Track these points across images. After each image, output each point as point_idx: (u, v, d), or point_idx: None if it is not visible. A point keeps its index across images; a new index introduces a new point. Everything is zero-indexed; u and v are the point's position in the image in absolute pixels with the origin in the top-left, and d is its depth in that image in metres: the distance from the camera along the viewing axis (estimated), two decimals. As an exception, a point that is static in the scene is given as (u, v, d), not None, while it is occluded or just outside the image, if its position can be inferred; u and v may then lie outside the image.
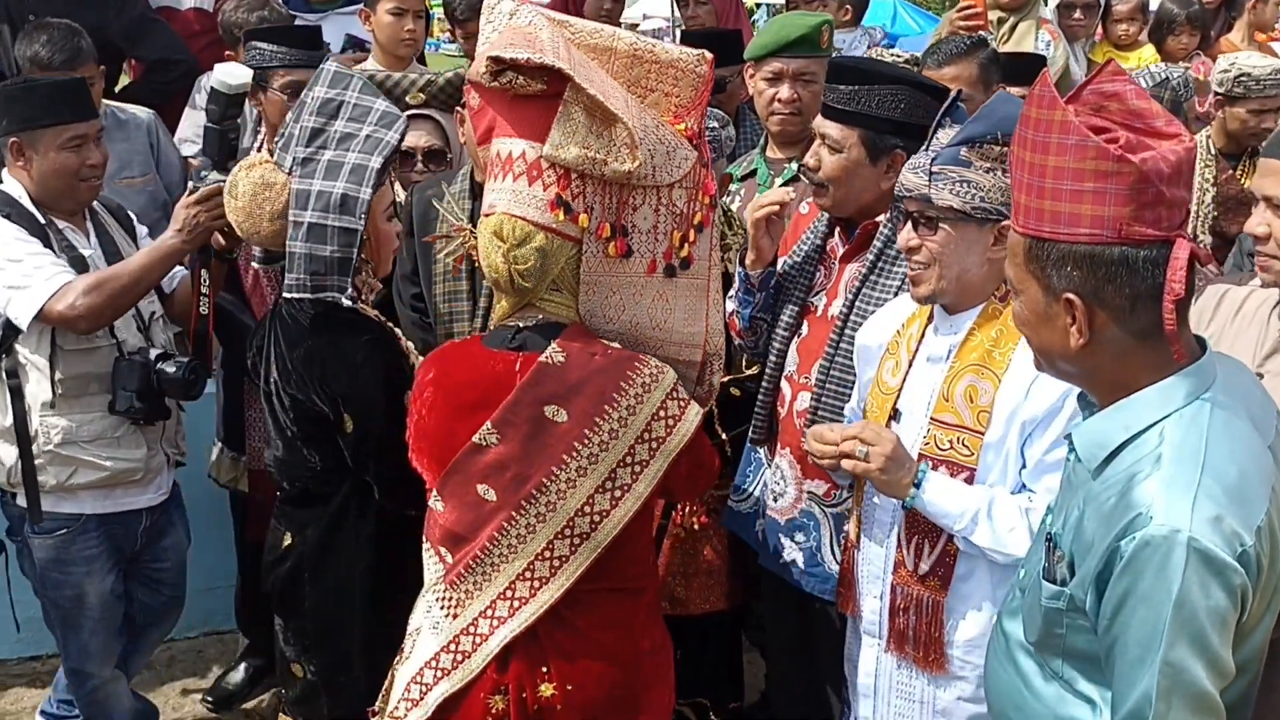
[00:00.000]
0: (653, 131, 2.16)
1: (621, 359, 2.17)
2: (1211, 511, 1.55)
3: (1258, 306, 2.37)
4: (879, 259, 2.72)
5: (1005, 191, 2.20)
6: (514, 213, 2.15)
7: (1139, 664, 1.58)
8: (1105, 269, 1.60)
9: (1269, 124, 4.10)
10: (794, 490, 2.86)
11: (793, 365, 2.87)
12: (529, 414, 2.15)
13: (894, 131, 2.68)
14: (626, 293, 2.22)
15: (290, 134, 2.57)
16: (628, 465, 2.14)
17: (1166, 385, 1.64)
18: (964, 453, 2.26)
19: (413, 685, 2.23)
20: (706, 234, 2.29)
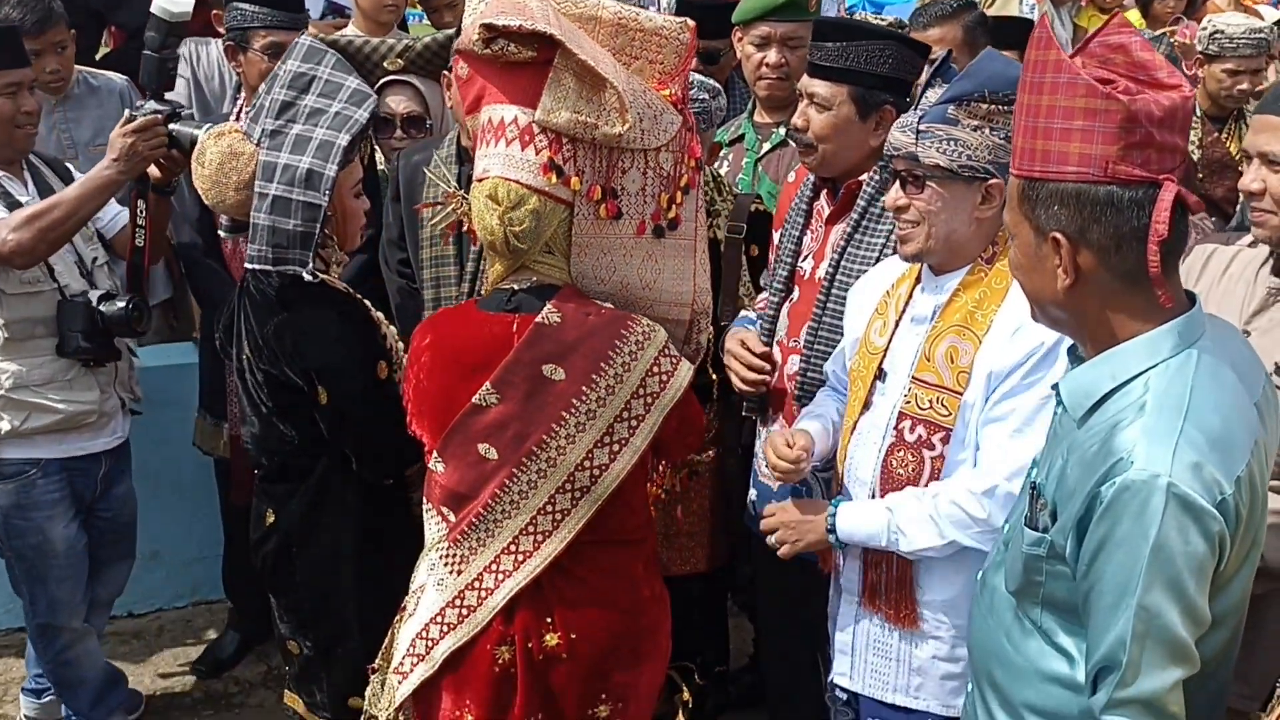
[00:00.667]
0: (640, 96, 2.20)
1: (615, 318, 2.23)
2: (1192, 458, 1.56)
3: (1244, 266, 2.39)
4: (863, 218, 2.73)
5: (993, 150, 2.21)
6: (508, 176, 2.19)
7: (1114, 609, 1.59)
8: (1091, 208, 1.61)
9: (1244, 85, 4.10)
10: (786, 455, 2.87)
11: (783, 330, 2.88)
12: (528, 373, 2.20)
13: (883, 87, 2.69)
14: (617, 254, 2.28)
15: (261, 105, 2.57)
16: (624, 420, 2.21)
17: (1153, 335, 1.65)
18: (942, 412, 2.27)
19: (418, 641, 2.27)
20: (692, 196, 2.35)
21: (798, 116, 2.77)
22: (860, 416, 2.40)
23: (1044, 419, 2.12)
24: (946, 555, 2.28)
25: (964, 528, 2.23)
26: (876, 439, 2.36)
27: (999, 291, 2.25)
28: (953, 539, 2.24)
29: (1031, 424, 2.17)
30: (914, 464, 2.31)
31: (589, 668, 2.27)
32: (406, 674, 2.28)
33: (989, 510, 2.21)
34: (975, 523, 2.22)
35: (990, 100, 2.21)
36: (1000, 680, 1.83)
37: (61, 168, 3.29)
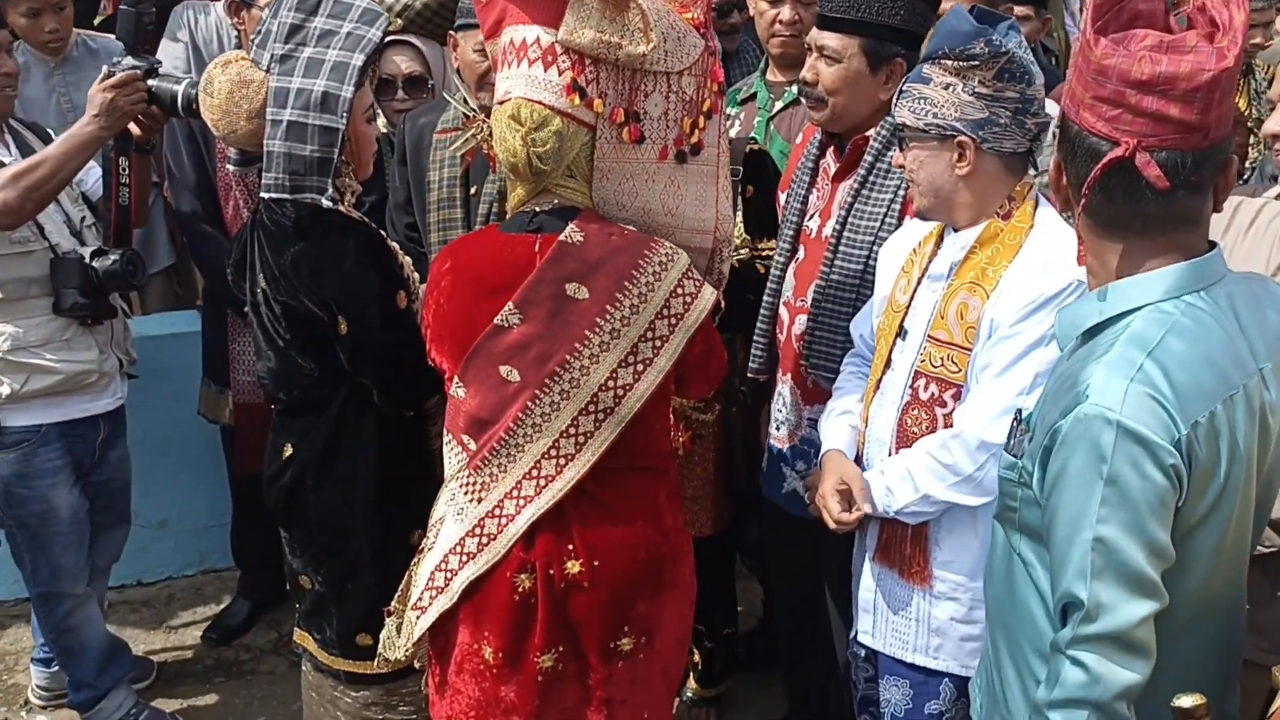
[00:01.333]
0: (664, 17, 2.18)
1: (638, 239, 2.21)
2: (1146, 395, 1.55)
3: (1271, 219, 2.38)
4: (870, 173, 2.70)
5: (959, 106, 2.21)
6: (530, 97, 2.15)
7: (1068, 540, 1.60)
8: (1069, 143, 1.66)
9: (1257, 38, 4.11)
10: (794, 417, 2.86)
11: (789, 290, 2.85)
12: (551, 292, 2.18)
13: (894, 39, 2.66)
14: (640, 179, 2.26)
15: (268, 30, 2.51)
16: (649, 340, 2.19)
17: (1148, 276, 1.64)
18: (953, 369, 2.28)
19: (437, 573, 2.25)
20: (715, 121, 2.33)
21: (806, 70, 2.74)
22: (883, 375, 2.40)
23: (1026, 366, 2.16)
24: (938, 513, 2.28)
25: (939, 478, 2.24)
26: (895, 398, 2.36)
27: (1011, 248, 2.24)
28: (927, 492, 2.25)
29: (1011, 369, 2.18)
30: (928, 422, 2.30)
31: (611, 595, 2.24)
32: (425, 609, 2.26)
33: (958, 456, 2.22)
34: (949, 471, 2.23)
35: (955, 57, 2.21)
36: (1005, 623, 1.83)
37: (42, 131, 3.25)
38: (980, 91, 2.21)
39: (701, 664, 3.47)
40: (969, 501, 2.24)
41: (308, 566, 2.61)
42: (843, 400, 2.56)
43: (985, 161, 2.24)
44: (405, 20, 3.51)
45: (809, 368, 2.76)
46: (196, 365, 3.79)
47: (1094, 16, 1.61)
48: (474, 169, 3.16)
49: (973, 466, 2.21)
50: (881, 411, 2.39)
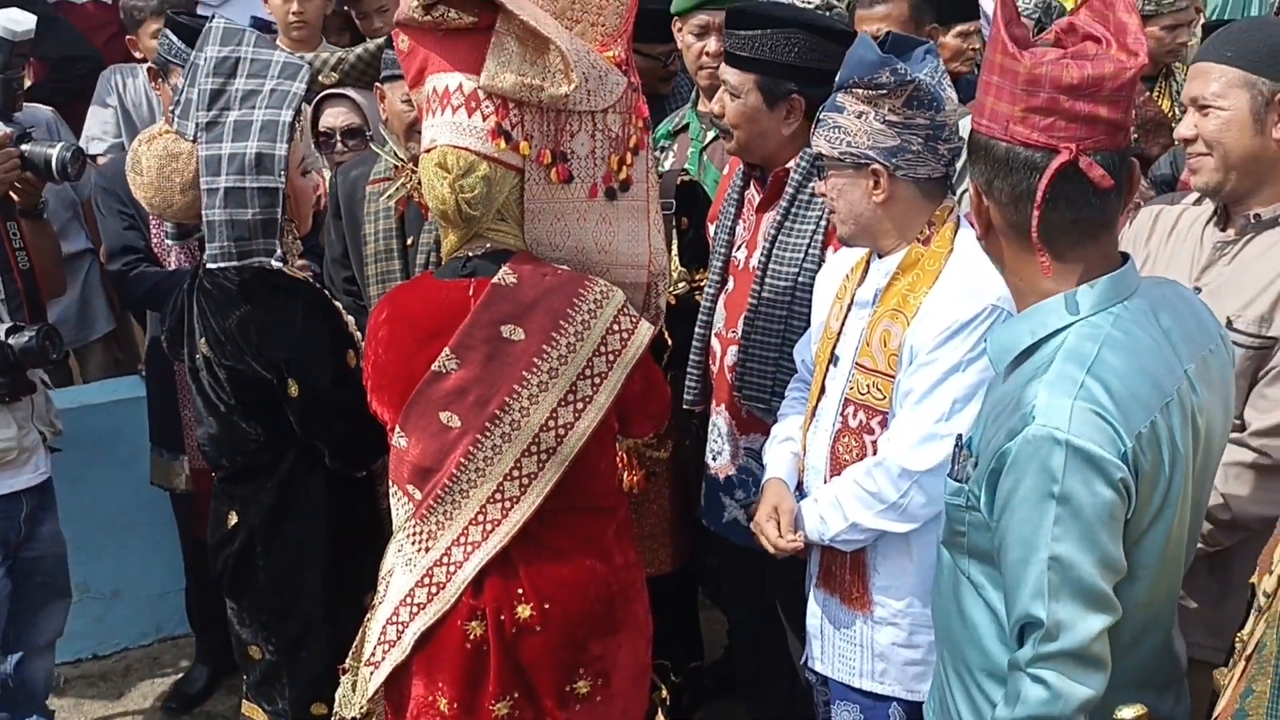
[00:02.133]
0: (584, 57, 2.20)
1: (572, 278, 2.22)
2: (1091, 411, 1.58)
3: (1190, 223, 2.43)
4: (791, 205, 2.73)
5: (872, 135, 2.24)
6: (456, 144, 2.16)
7: (1023, 563, 1.61)
8: (994, 163, 1.66)
9: (1183, 38, 4.16)
10: (730, 447, 2.87)
11: (720, 321, 2.88)
12: (486, 335, 2.18)
13: (789, 76, 2.68)
14: (571, 218, 2.27)
15: (188, 99, 2.49)
16: (587, 378, 2.19)
17: (1072, 295, 1.67)
18: (877, 396, 2.30)
19: (389, 627, 2.23)
20: (643, 157, 2.35)
21: (715, 102, 2.79)
22: (818, 402, 2.42)
23: (944, 392, 2.18)
24: (870, 540, 2.30)
25: (866, 505, 2.26)
26: (828, 425, 2.39)
27: (931, 273, 2.27)
28: (855, 520, 2.27)
29: (930, 396, 2.21)
30: (857, 449, 2.33)
31: (563, 638, 2.22)
32: (378, 663, 2.24)
33: (882, 484, 2.24)
34: (875, 499, 2.25)
35: (862, 85, 2.24)
36: (953, 645, 1.84)
37: None
38: (891, 119, 2.23)
39: (670, 699, 3.45)
40: (896, 528, 2.26)
41: (257, 635, 2.57)
42: (785, 426, 2.58)
43: (901, 188, 2.27)
44: (340, 74, 3.52)
45: (741, 398, 2.78)
46: (142, 431, 3.74)
47: (1010, 35, 1.63)
48: (409, 219, 3.17)
49: (896, 494, 2.23)
50: (816, 439, 2.42)
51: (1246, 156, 2.23)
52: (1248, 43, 2.21)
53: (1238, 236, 2.31)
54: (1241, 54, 2.21)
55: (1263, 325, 2.20)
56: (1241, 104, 2.21)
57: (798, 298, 2.67)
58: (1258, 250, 2.27)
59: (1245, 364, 2.21)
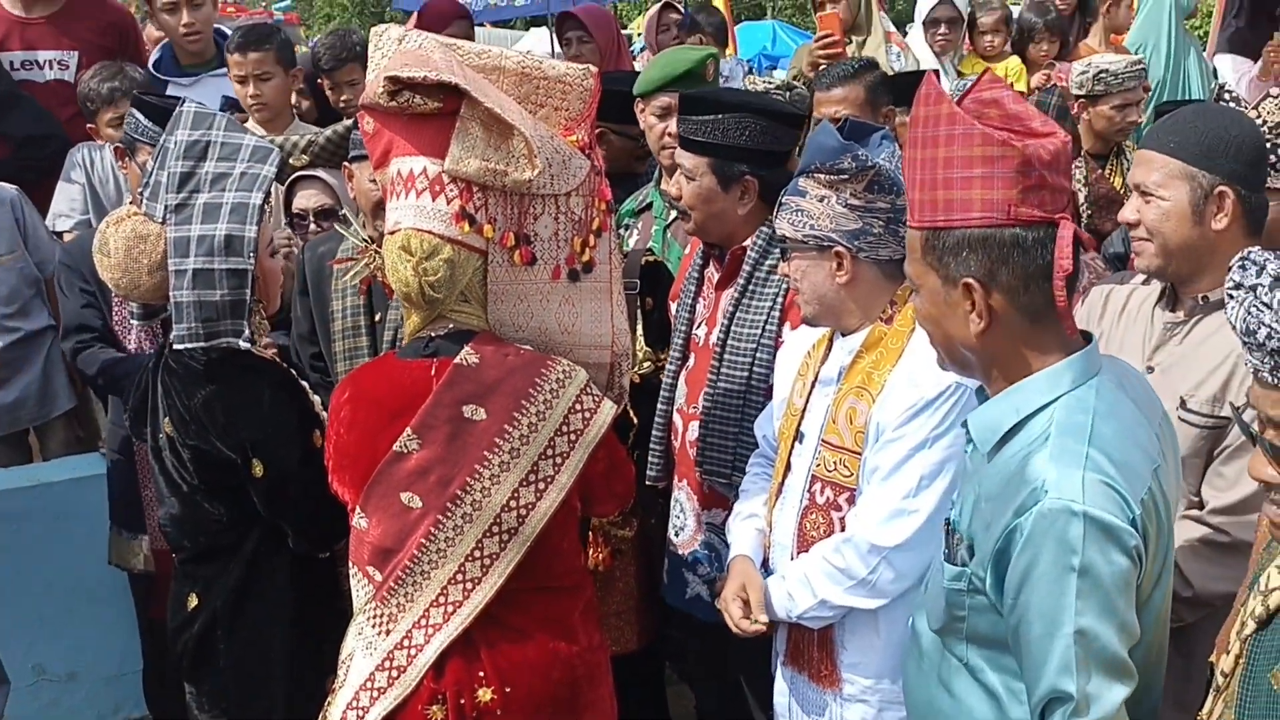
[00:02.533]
0: (548, 142, 2.23)
1: (534, 358, 2.23)
2: (1101, 481, 1.61)
3: (1141, 303, 2.47)
4: (748, 282, 2.78)
5: (834, 218, 2.29)
6: (420, 227, 2.18)
7: (1048, 637, 1.62)
8: (999, 250, 1.68)
9: (1133, 117, 4.24)
10: (693, 522, 2.89)
11: (682, 397, 2.91)
12: (448, 415, 2.18)
13: (742, 159, 2.74)
14: (534, 299, 2.29)
15: (157, 182, 2.50)
16: (549, 458, 2.19)
17: (1054, 371, 1.71)
18: (845, 473, 2.33)
19: (349, 712, 2.20)
20: (606, 238, 2.37)
21: (671, 184, 2.85)
22: (784, 479, 2.44)
23: (911, 469, 2.21)
24: (839, 616, 2.31)
25: (835, 582, 2.27)
26: (795, 501, 2.40)
27: (894, 351, 2.30)
28: (824, 597, 2.28)
29: (897, 473, 2.23)
30: (825, 526, 2.35)
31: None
32: None
33: (850, 561, 2.25)
34: (844, 575, 2.26)
35: (824, 170, 2.29)
36: None
37: None
38: (853, 203, 2.28)
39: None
40: (865, 604, 2.27)
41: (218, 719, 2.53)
42: (749, 502, 2.59)
43: (863, 269, 2.31)
44: (310, 156, 3.55)
45: (703, 473, 2.80)
46: (101, 509, 3.68)
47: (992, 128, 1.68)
48: (376, 296, 3.18)
49: (865, 570, 2.24)
50: (783, 515, 2.43)
51: (1185, 245, 2.27)
52: (1189, 134, 2.25)
53: (1187, 317, 2.35)
54: (1183, 145, 2.25)
55: (1215, 405, 2.24)
56: (1181, 195, 2.25)
57: (756, 373, 2.71)
58: (1207, 331, 2.31)
59: (1200, 443, 2.25)
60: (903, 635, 2.16)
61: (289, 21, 20.69)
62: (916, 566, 2.18)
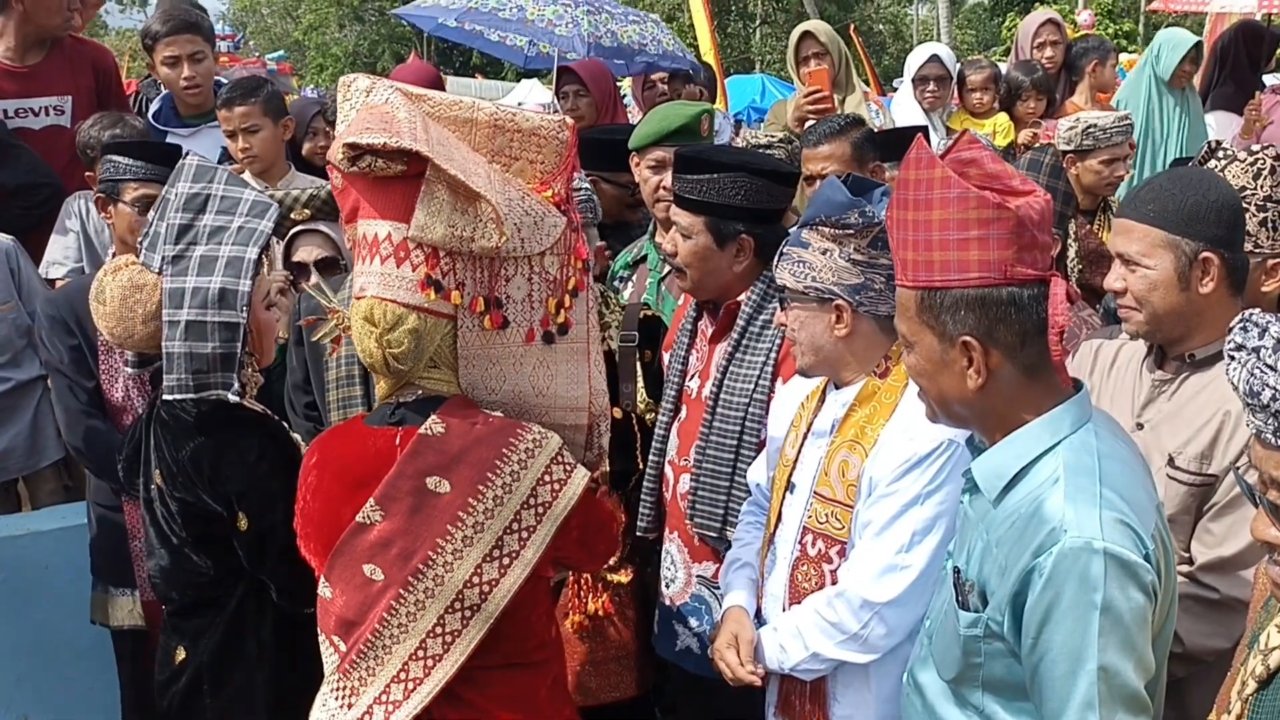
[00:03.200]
0: (518, 204, 2.13)
1: (503, 427, 2.13)
2: (1116, 518, 1.65)
3: (1129, 359, 2.49)
4: (743, 336, 2.80)
5: (837, 271, 2.32)
6: (384, 296, 2.10)
7: (1071, 675, 1.65)
8: (996, 309, 1.73)
9: (1121, 172, 4.32)
10: (684, 574, 2.90)
11: (673, 449, 2.92)
12: (411, 487, 2.10)
13: (737, 217, 2.77)
14: (507, 363, 2.19)
15: (156, 232, 2.52)
16: (514, 532, 2.09)
17: (1052, 417, 1.76)
18: (836, 526, 2.33)
19: None
20: (583, 298, 2.27)
21: (667, 242, 2.87)
22: (775, 529, 2.44)
23: (904, 524, 2.22)
24: (830, 669, 2.31)
25: (827, 635, 2.27)
26: (786, 553, 2.41)
27: (888, 406, 2.32)
28: (816, 650, 2.29)
29: (890, 527, 2.24)
30: (816, 578, 2.35)
31: None
32: None
33: (843, 615, 2.26)
34: (836, 629, 2.27)
35: (830, 224, 2.32)
36: None
37: None
38: (856, 258, 2.31)
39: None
40: (857, 659, 2.27)
41: None
42: (743, 551, 2.60)
43: (862, 323, 2.33)
44: (312, 210, 3.58)
45: (693, 526, 2.80)
46: (88, 559, 3.65)
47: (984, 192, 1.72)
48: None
49: (858, 625, 2.24)
50: (775, 566, 2.43)
51: (1173, 311, 2.29)
52: (1167, 202, 2.26)
53: (1174, 375, 2.37)
54: (1163, 214, 2.25)
55: (1203, 463, 2.25)
56: (1166, 264, 2.26)
57: (748, 427, 2.72)
58: (1194, 389, 2.33)
59: (1189, 500, 2.27)
60: (895, 688, 2.16)
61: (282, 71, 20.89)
62: (908, 622, 2.19)
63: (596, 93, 5.09)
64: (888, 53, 30.90)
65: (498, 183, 2.12)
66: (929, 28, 35.87)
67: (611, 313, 3.19)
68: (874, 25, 35.73)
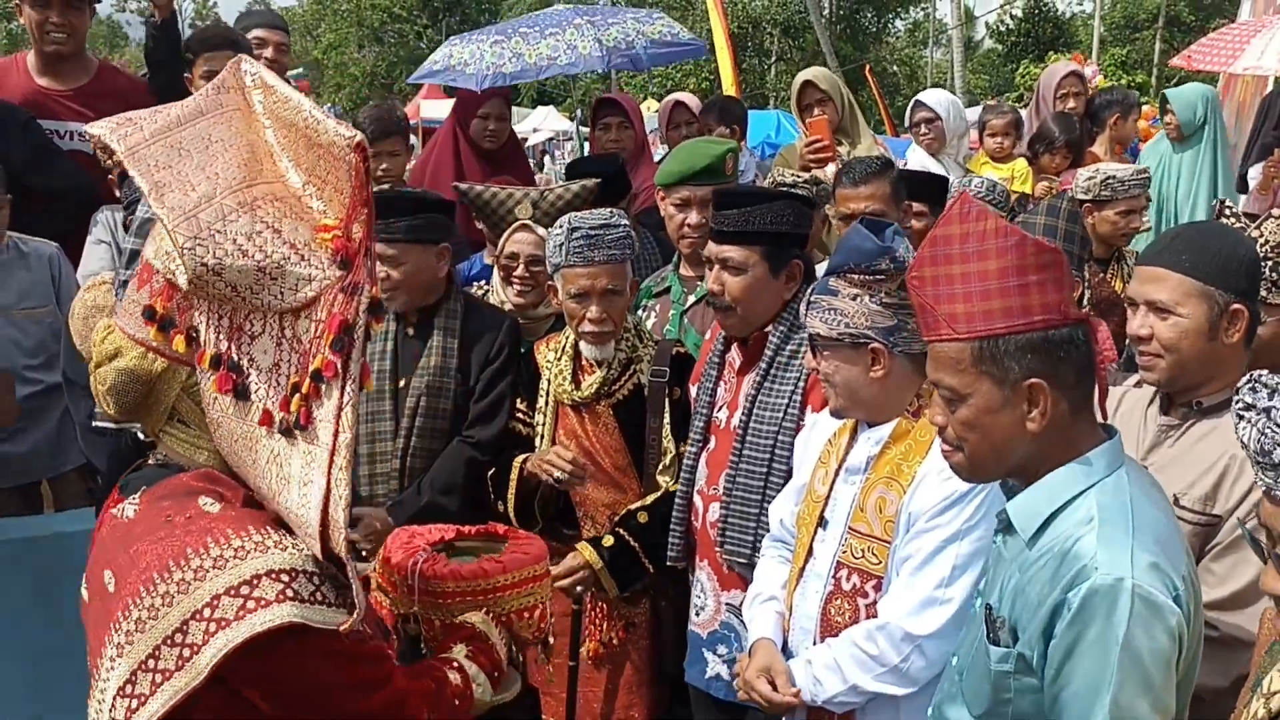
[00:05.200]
0: (233, 240, 1.58)
1: (205, 524, 1.64)
2: (1148, 559, 1.71)
3: (1134, 405, 2.54)
4: (770, 367, 2.86)
5: (870, 316, 2.37)
6: (117, 321, 1.77)
7: (1089, 710, 1.70)
8: (1060, 348, 1.80)
9: (1136, 223, 4.39)
10: (713, 602, 2.94)
11: (703, 479, 2.96)
12: (98, 573, 1.72)
13: (791, 243, 2.87)
14: (240, 445, 1.66)
15: (131, 251, 2.49)
16: (149, 671, 1.60)
17: (1087, 459, 1.83)
18: (873, 561, 2.37)
19: None
20: (334, 387, 1.56)
21: (712, 283, 2.90)
22: (805, 564, 2.48)
23: (944, 559, 2.26)
24: (864, 702, 2.34)
25: (866, 669, 2.31)
26: (818, 587, 2.44)
27: (924, 444, 2.36)
28: (855, 683, 2.32)
29: (931, 562, 2.28)
30: (850, 611, 2.39)
31: None
32: None
33: (884, 648, 2.29)
34: (875, 662, 2.30)
35: (860, 271, 2.38)
36: None
37: None
38: (887, 301, 2.37)
39: None
40: (895, 691, 2.30)
41: None
42: (766, 585, 2.63)
43: (897, 364, 2.39)
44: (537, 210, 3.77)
45: (723, 553, 2.85)
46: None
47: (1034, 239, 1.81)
48: (403, 361, 3.28)
49: (898, 658, 2.28)
50: (805, 600, 2.46)
51: (1198, 359, 2.33)
52: (1201, 253, 2.30)
53: (1181, 421, 2.42)
54: (1197, 264, 2.29)
55: (1207, 504, 2.30)
56: (1199, 313, 2.29)
57: (777, 455, 2.78)
58: (1200, 434, 2.37)
59: (1192, 540, 2.30)
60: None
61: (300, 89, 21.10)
62: (945, 654, 2.22)
63: (638, 127, 5.14)
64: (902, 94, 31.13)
65: (225, 207, 1.60)
66: (943, 70, 36.14)
67: (644, 346, 3.25)
68: (889, 67, 35.97)
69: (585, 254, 3.02)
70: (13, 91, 4.37)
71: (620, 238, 3.07)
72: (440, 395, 3.27)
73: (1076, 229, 3.69)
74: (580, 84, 31.85)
